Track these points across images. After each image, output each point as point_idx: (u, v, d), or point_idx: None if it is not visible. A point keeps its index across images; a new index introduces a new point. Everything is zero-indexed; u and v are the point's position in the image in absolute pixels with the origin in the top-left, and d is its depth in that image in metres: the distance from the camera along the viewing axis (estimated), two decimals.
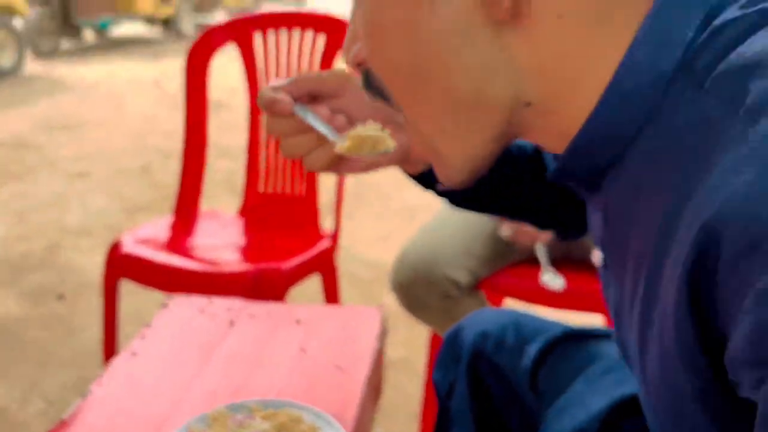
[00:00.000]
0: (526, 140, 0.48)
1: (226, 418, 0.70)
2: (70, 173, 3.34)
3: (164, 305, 1.00)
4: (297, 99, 0.55)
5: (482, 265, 1.19)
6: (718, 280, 0.31)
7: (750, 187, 0.29)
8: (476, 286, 1.21)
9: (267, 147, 1.63)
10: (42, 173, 3.33)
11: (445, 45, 0.40)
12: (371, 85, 0.46)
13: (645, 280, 0.38)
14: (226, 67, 2.57)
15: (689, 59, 0.37)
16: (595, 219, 0.48)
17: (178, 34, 8.87)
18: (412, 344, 1.81)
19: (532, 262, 1.23)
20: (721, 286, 0.31)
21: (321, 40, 1.53)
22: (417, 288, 1.12)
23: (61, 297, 2.11)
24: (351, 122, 0.56)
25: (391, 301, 1.35)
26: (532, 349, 0.72)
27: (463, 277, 1.14)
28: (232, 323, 0.95)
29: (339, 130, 0.55)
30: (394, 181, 3.31)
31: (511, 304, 1.28)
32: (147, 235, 1.47)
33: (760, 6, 0.35)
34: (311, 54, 1.54)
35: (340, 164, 0.57)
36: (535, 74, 0.40)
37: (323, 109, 0.56)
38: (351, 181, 3.31)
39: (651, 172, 0.38)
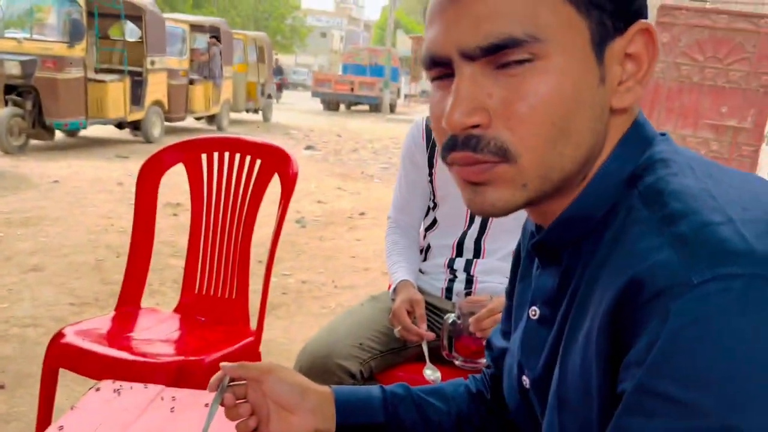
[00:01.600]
0: (541, 206, 0.59)
1: None
2: (24, 267, 3.46)
3: (96, 388, 1.17)
4: (234, 378, 0.75)
5: (375, 358, 1.40)
6: (636, 310, 0.46)
7: (665, 263, 0.45)
8: (373, 377, 1.41)
9: (204, 251, 1.84)
10: None
11: (593, 113, 0.55)
12: (481, 145, 0.54)
13: (588, 322, 0.52)
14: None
15: (635, 175, 0.55)
16: (543, 282, 0.62)
17: (147, 138, 9.22)
18: None
19: (420, 356, 1.44)
20: (637, 313, 0.46)
21: (257, 164, 1.80)
22: (314, 377, 1.31)
23: (0, 387, 2.20)
24: (254, 412, 0.76)
25: None
26: None
27: (354, 367, 1.35)
28: (151, 404, 1.12)
29: (237, 416, 0.75)
30: (331, 286, 3.52)
31: None
32: (88, 327, 1.64)
33: (682, 160, 0.54)
34: (248, 176, 1.80)
35: None
36: (601, 154, 0.57)
37: (233, 397, 0.75)
38: (295, 283, 3.51)
39: (603, 248, 0.53)
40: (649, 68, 0.56)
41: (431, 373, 1.36)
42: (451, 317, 1.39)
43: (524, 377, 0.66)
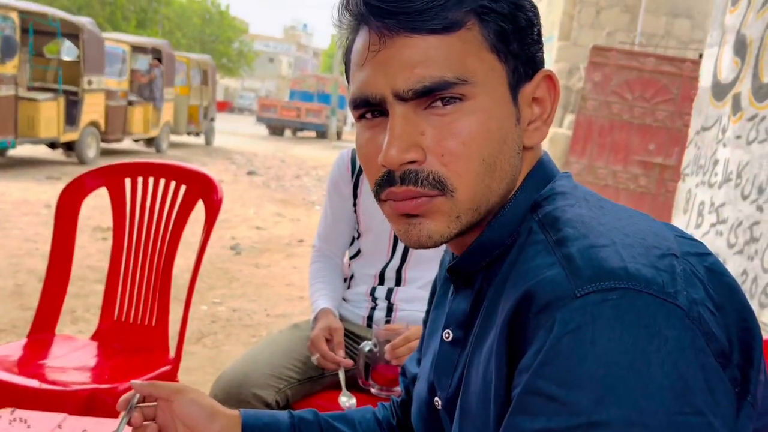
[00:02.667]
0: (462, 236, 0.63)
1: None
2: None
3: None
4: (144, 398, 0.77)
5: (291, 386, 1.40)
6: (528, 320, 0.51)
7: (553, 278, 0.51)
8: (289, 405, 1.41)
9: (125, 277, 1.81)
10: None
11: (512, 151, 0.61)
12: (419, 178, 0.59)
13: (491, 336, 0.57)
14: None
15: (536, 203, 0.61)
16: (457, 306, 0.67)
17: (81, 159, 8.95)
18: None
19: (338, 384, 1.45)
20: (529, 323, 0.51)
21: (182, 189, 1.79)
22: (230, 405, 1.30)
23: None
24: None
25: None
26: None
27: (270, 396, 1.34)
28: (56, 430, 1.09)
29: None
30: (263, 315, 3.49)
31: None
32: None
33: (579, 194, 0.61)
34: (172, 200, 1.79)
35: None
36: (512, 188, 0.64)
37: (141, 416, 0.77)
38: (226, 311, 3.46)
39: (505, 268, 0.59)
40: (552, 110, 0.64)
41: (346, 400, 1.37)
42: (367, 345, 1.41)
43: (437, 398, 0.69)
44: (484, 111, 0.58)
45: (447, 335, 0.68)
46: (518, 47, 0.61)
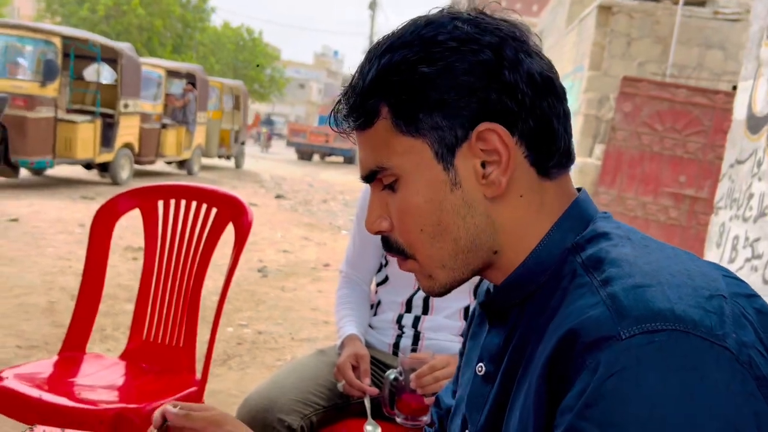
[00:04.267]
0: (486, 277, 0.69)
1: None
2: None
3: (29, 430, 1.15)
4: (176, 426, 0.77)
5: (317, 413, 1.40)
6: (571, 360, 0.51)
7: (598, 318, 0.51)
8: (313, 431, 1.40)
9: (154, 297, 1.83)
10: None
11: (458, 213, 0.63)
12: (390, 245, 0.68)
13: (530, 375, 0.57)
14: None
15: (578, 245, 0.61)
16: (491, 340, 0.68)
17: (115, 180, 9.15)
18: None
19: (363, 412, 1.44)
20: (572, 363, 0.51)
21: (213, 212, 1.82)
22: (255, 430, 1.31)
23: None
24: None
25: None
26: None
27: (296, 422, 1.34)
28: None
29: None
30: (288, 338, 3.49)
31: None
32: (29, 371, 1.61)
33: (621, 233, 0.61)
34: (203, 223, 1.82)
35: None
36: (504, 232, 0.64)
37: None
38: (251, 334, 3.47)
39: (547, 310, 0.59)
40: (510, 157, 0.62)
41: (372, 429, 1.36)
42: (392, 373, 1.40)
43: None
44: (411, 190, 0.64)
45: (480, 369, 0.68)
46: (441, 116, 0.61)
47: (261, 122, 24.42)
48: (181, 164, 12.00)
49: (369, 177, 0.67)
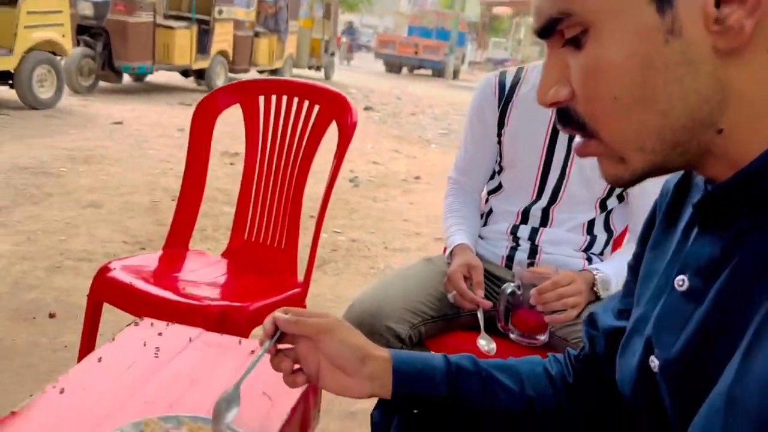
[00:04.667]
0: (697, 168, 0.53)
1: (157, 427, 0.82)
2: (83, 203, 3.52)
3: (135, 324, 1.13)
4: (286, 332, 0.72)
5: (426, 323, 1.31)
6: None
7: None
8: (422, 342, 1.33)
9: (256, 196, 1.78)
10: (57, 200, 3.53)
11: (672, 74, 0.46)
12: (569, 119, 0.53)
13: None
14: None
15: None
16: (700, 249, 0.53)
17: (210, 87, 9.31)
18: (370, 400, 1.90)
19: (473, 328, 1.35)
20: None
21: (315, 109, 1.71)
22: None
23: (52, 316, 2.24)
24: (301, 366, 0.73)
25: None
26: None
27: (404, 331, 1.26)
28: (187, 346, 1.07)
29: (283, 368, 0.73)
30: (381, 247, 3.46)
31: None
32: (135, 264, 1.61)
33: None
34: (305, 121, 1.72)
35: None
36: (738, 103, 0.47)
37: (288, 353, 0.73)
38: (346, 241, 3.46)
39: None
40: None
41: (485, 344, 1.26)
42: (510, 287, 1.29)
43: (653, 358, 0.56)
44: (603, 42, 0.48)
45: (680, 283, 0.54)
46: None
47: (342, 32, 23.73)
48: (273, 73, 12.03)
49: (546, 29, 0.52)
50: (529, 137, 1.41)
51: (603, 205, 1.45)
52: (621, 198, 1.45)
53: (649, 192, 1.29)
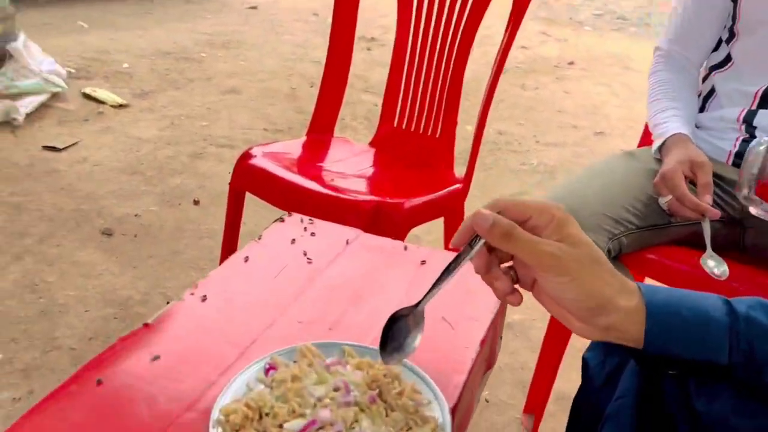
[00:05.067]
0: None
1: (315, 358, 0.64)
2: (223, 89, 3.47)
3: (281, 219, 0.96)
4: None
5: (628, 233, 1.04)
6: None
7: None
8: (618, 257, 1.06)
9: (406, 84, 1.53)
10: (198, 85, 3.50)
11: None
12: None
13: None
14: (384, 7, 2.49)
15: None
16: None
17: None
18: (529, 307, 1.69)
19: (687, 244, 1.05)
20: None
21: None
22: None
23: (196, 202, 2.20)
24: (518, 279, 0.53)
25: None
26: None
27: (602, 241, 1.00)
28: (344, 251, 0.89)
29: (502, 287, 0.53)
30: (532, 141, 3.12)
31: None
32: (278, 150, 1.45)
33: None
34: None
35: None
36: None
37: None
38: (491, 133, 3.15)
39: None
40: None
41: (715, 266, 0.97)
42: (765, 143, 0.97)
43: None
44: None
45: None
46: None
47: None
48: None
49: None
50: None
51: None
52: None
53: None
